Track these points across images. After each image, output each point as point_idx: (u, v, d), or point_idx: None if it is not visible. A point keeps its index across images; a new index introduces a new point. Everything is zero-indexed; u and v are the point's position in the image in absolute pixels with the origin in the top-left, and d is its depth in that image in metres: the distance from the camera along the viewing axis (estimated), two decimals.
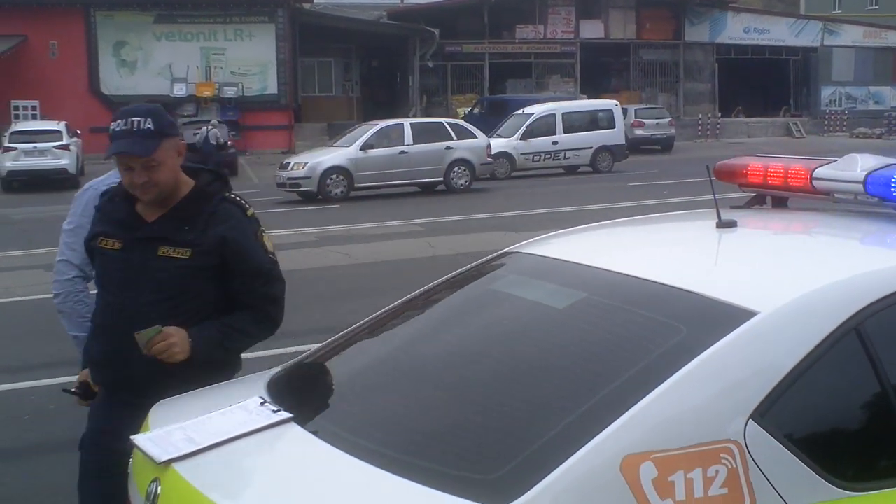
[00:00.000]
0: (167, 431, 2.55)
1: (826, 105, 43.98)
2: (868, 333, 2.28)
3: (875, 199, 2.95)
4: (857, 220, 3.08)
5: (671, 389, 2.10)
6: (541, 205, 18.76)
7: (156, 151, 3.07)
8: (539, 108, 28.61)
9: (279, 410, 2.53)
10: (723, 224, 2.93)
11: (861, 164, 3.01)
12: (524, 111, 28.61)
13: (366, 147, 22.43)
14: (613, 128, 28.52)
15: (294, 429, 2.46)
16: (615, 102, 30.25)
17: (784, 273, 2.59)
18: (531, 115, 27.92)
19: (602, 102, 30.92)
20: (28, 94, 31.39)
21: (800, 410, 2.20)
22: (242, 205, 3.26)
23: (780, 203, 3.45)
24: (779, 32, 43.69)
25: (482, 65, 39.03)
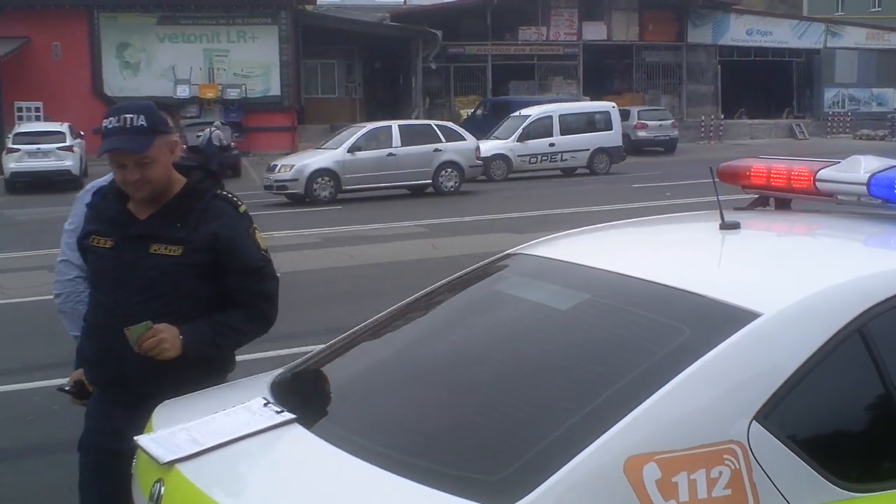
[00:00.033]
0: (171, 432, 2.55)
1: (829, 107, 43.95)
2: (872, 335, 2.28)
3: (878, 201, 2.96)
4: (861, 222, 3.08)
5: (675, 391, 2.10)
6: (543, 206, 18.75)
7: (149, 148, 3.05)
8: (536, 110, 28.56)
9: (282, 411, 2.54)
10: (726, 226, 2.93)
11: (864, 166, 3.02)
12: (521, 113, 28.57)
13: (353, 149, 22.22)
14: (611, 130, 28.47)
15: (297, 430, 2.46)
16: (612, 104, 30.18)
17: (787, 275, 2.59)
18: (528, 117, 27.87)
19: (599, 104, 30.85)
20: (31, 96, 31.40)
21: (803, 412, 2.20)
22: (234, 202, 3.24)
23: (784, 205, 3.46)
24: (782, 34, 43.66)
25: (485, 66, 39.03)
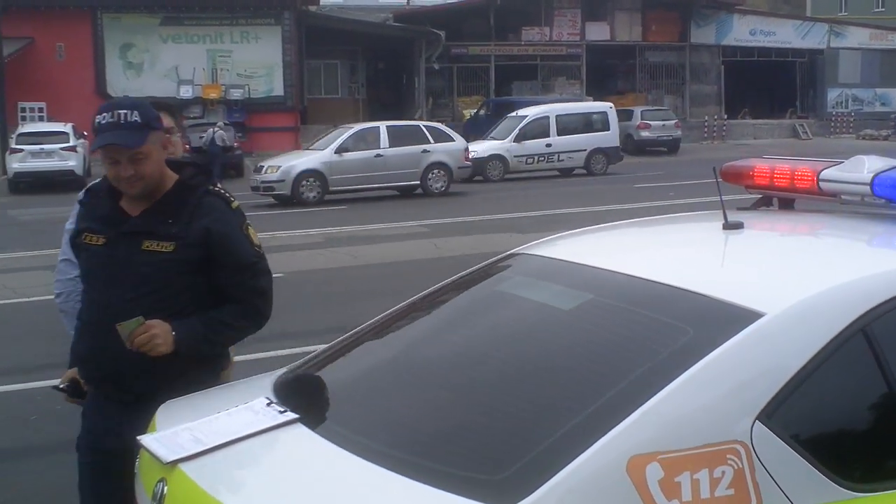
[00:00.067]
0: (174, 432, 2.55)
1: (832, 107, 43.89)
2: (875, 335, 2.28)
3: (882, 201, 2.95)
4: (864, 222, 3.07)
5: (678, 390, 2.10)
6: (546, 206, 18.74)
7: (144, 144, 3.04)
8: (533, 111, 28.55)
9: (285, 411, 2.54)
10: (729, 225, 2.93)
11: (868, 166, 3.01)
12: (517, 113, 28.56)
13: (341, 150, 22.15)
14: (608, 130, 28.45)
15: (300, 429, 2.46)
16: (609, 105, 30.17)
17: (791, 274, 2.59)
18: (525, 118, 27.85)
19: (597, 105, 30.85)
20: (35, 96, 31.42)
21: (806, 411, 2.20)
22: (227, 197, 3.23)
23: (787, 205, 3.46)
24: (785, 34, 43.61)
25: (488, 67, 39.01)
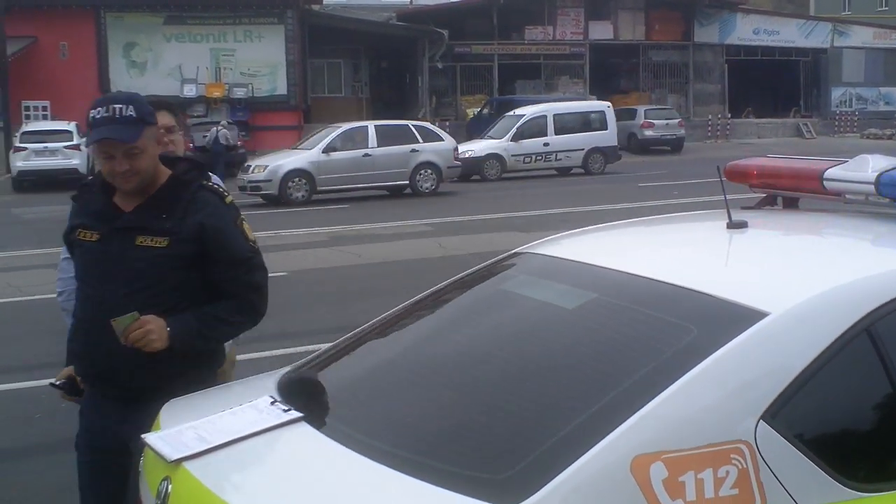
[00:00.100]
0: (178, 430, 2.55)
1: (836, 106, 43.85)
2: (879, 334, 2.27)
3: (886, 200, 2.95)
4: (869, 221, 3.07)
5: (682, 390, 2.10)
6: (549, 206, 18.73)
7: (139, 138, 3.03)
8: (530, 110, 28.53)
9: (289, 410, 2.54)
10: (733, 225, 2.93)
11: (872, 165, 3.01)
12: (515, 112, 28.53)
13: (328, 150, 22.09)
14: (606, 129, 28.42)
15: (304, 428, 2.46)
16: (607, 104, 30.15)
17: (795, 274, 2.59)
18: (522, 117, 27.83)
19: (594, 104, 30.78)
20: (39, 95, 31.46)
21: (811, 411, 2.19)
22: (220, 192, 3.22)
23: (791, 204, 3.45)
24: (788, 34, 43.57)
25: (491, 66, 38.99)
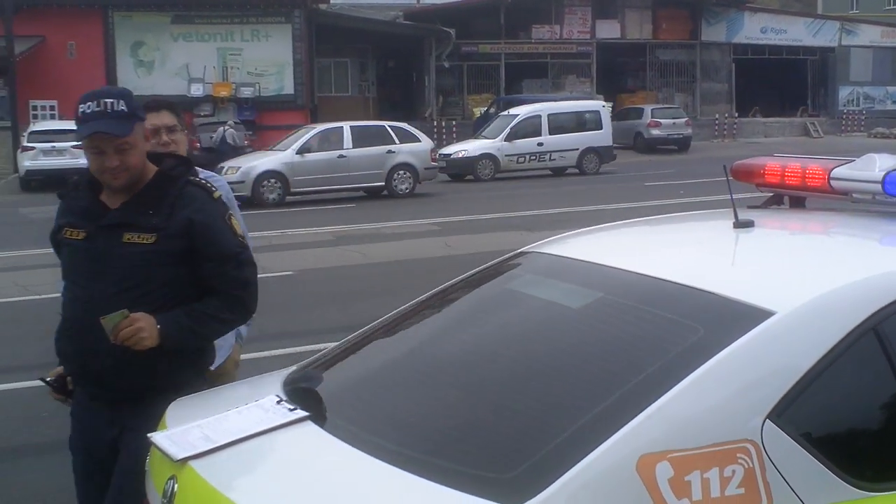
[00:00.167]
0: (184, 429, 2.56)
1: (844, 105, 43.72)
2: (886, 333, 2.27)
3: (893, 199, 2.94)
4: (876, 220, 3.07)
5: (688, 389, 2.09)
6: (551, 206, 18.71)
7: (130, 133, 3.01)
8: (524, 110, 28.42)
9: (295, 409, 2.54)
10: (740, 224, 2.93)
11: (879, 164, 3.01)
12: (509, 112, 28.44)
13: (303, 151, 22.00)
14: (600, 129, 28.31)
15: (310, 427, 2.46)
16: (602, 103, 30.08)
17: (801, 273, 2.58)
18: (516, 117, 27.73)
19: (589, 103, 30.66)
20: (46, 95, 31.48)
21: (817, 410, 2.19)
22: (208, 188, 3.20)
23: (798, 203, 3.45)
24: (796, 32, 43.45)
25: (498, 65, 38.97)
